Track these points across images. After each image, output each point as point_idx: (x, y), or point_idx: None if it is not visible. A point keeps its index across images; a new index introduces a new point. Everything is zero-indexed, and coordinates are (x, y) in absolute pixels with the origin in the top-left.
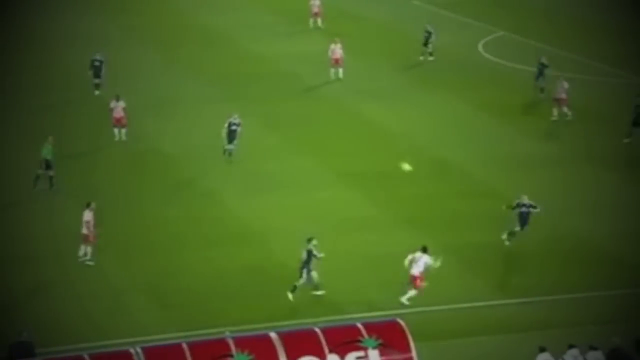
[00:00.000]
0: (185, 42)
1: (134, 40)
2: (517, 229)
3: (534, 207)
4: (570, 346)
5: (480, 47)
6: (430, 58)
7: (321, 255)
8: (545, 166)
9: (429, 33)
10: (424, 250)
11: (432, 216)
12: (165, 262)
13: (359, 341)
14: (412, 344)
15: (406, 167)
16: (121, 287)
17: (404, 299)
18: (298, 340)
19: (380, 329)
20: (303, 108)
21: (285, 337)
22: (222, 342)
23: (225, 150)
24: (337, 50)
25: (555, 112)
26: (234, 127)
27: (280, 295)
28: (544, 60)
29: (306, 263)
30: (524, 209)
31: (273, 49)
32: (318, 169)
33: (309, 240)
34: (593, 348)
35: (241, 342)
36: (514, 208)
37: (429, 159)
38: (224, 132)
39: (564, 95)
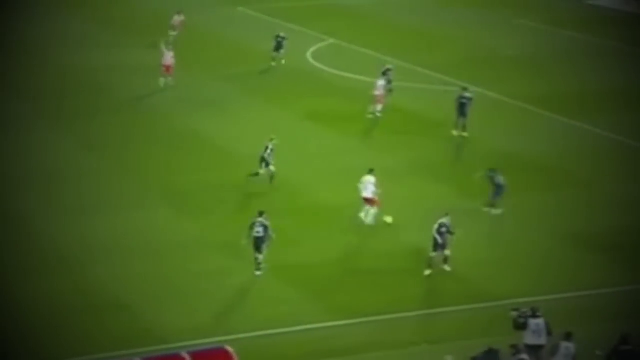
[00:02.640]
0: None
1: None
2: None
3: (451, 233)
4: None
5: (309, 55)
6: (283, 62)
7: (273, 235)
8: (380, 178)
9: (283, 38)
10: (371, 171)
11: None
12: None
13: None
14: None
15: (388, 219)
16: None
17: (368, 220)
18: None
19: (208, 357)
20: (127, 122)
21: None
22: None
23: (254, 174)
24: (168, 57)
25: (371, 108)
26: (269, 151)
27: (100, 324)
28: (389, 67)
29: (262, 239)
30: (443, 229)
31: (96, 60)
32: (140, 188)
33: (260, 213)
34: None
35: None
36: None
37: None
38: (265, 155)
39: (381, 92)
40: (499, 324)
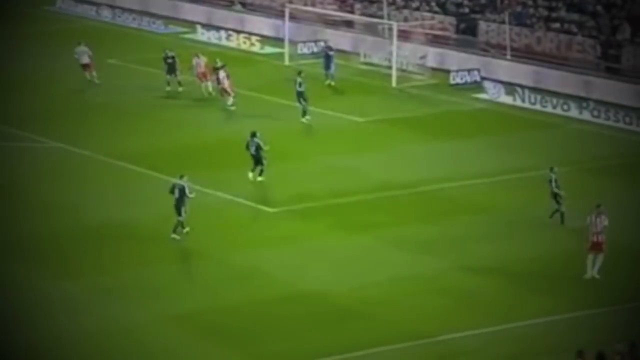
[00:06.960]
0: None
1: None
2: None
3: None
4: None
5: None
6: (180, 89)
7: (192, 195)
8: None
9: (172, 58)
10: None
11: None
12: None
13: None
14: None
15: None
16: None
17: None
18: None
19: None
20: None
21: None
22: None
23: None
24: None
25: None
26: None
27: None
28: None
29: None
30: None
31: None
32: None
33: (181, 177)
34: None
35: None
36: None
37: None
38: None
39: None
40: None
